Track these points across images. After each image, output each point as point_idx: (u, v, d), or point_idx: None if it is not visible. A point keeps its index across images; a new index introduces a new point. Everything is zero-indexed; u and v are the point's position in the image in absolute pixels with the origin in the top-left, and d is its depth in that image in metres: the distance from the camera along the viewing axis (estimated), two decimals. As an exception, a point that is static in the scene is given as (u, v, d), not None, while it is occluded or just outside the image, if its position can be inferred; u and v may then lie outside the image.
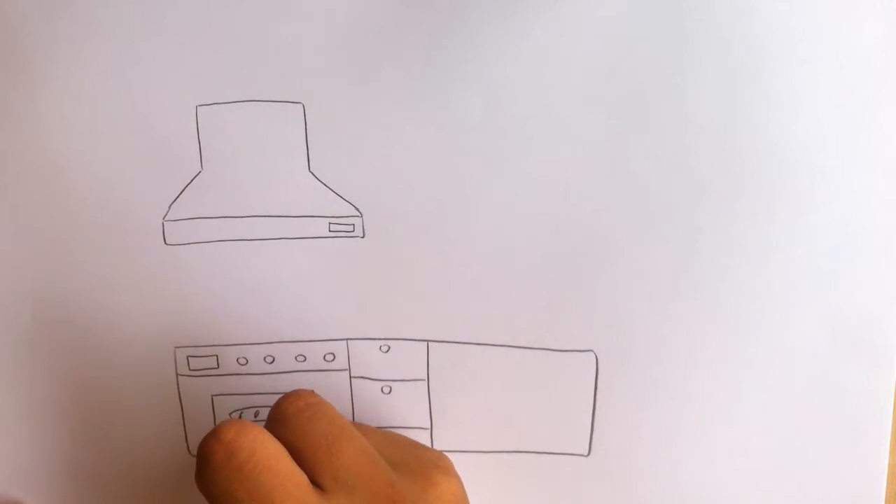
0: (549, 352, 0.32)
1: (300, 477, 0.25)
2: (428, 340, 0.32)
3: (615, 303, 0.31)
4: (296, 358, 0.32)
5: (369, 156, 0.31)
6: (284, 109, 0.30)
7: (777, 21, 0.29)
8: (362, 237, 0.31)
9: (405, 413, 0.32)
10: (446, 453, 0.30)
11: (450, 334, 0.32)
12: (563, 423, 0.32)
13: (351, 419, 0.33)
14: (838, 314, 0.31)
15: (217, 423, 0.32)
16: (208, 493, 0.25)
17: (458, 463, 0.30)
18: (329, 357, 0.32)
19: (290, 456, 0.25)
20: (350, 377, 0.32)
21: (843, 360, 0.31)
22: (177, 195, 0.31)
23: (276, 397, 0.32)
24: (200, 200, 0.31)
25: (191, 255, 0.31)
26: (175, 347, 0.32)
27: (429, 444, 0.33)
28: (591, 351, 0.32)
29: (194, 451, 0.33)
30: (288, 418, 0.27)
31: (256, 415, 0.33)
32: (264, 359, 0.32)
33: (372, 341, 0.32)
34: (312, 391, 0.28)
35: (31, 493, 0.33)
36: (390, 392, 0.32)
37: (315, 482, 0.25)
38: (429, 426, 0.32)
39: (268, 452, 0.25)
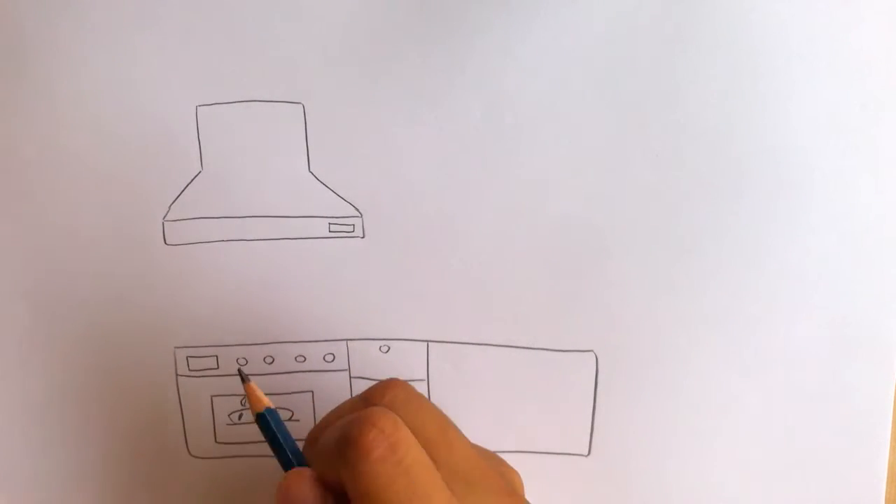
0: (549, 352, 0.32)
1: (438, 472, 0.24)
2: (428, 340, 0.32)
3: (615, 303, 0.31)
4: (295, 358, 0.32)
5: (369, 156, 0.31)
6: (284, 109, 0.30)
7: (777, 21, 0.29)
8: (362, 237, 0.31)
9: (405, 413, 0.32)
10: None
11: (450, 334, 0.32)
12: (563, 423, 0.32)
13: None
14: (838, 314, 0.31)
15: (215, 422, 0.32)
16: (361, 486, 0.23)
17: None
18: (329, 357, 0.32)
19: None
20: (350, 377, 0.32)
21: (843, 360, 0.31)
22: (177, 195, 0.31)
23: (277, 398, 0.32)
24: (200, 200, 0.31)
25: (191, 255, 0.31)
26: (175, 348, 0.32)
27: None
28: (591, 351, 0.32)
29: (194, 452, 0.33)
30: (398, 409, 0.25)
31: (256, 415, 0.33)
32: (264, 359, 0.32)
33: (372, 341, 0.32)
34: (404, 381, 0.27)
35: (31, 493, 0.33)
36: (390, 392, 0.32)
37: None
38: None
39: (419, 448, 0.24)
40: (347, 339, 0.32)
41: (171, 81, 0.30)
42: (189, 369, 0.32)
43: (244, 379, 0.27)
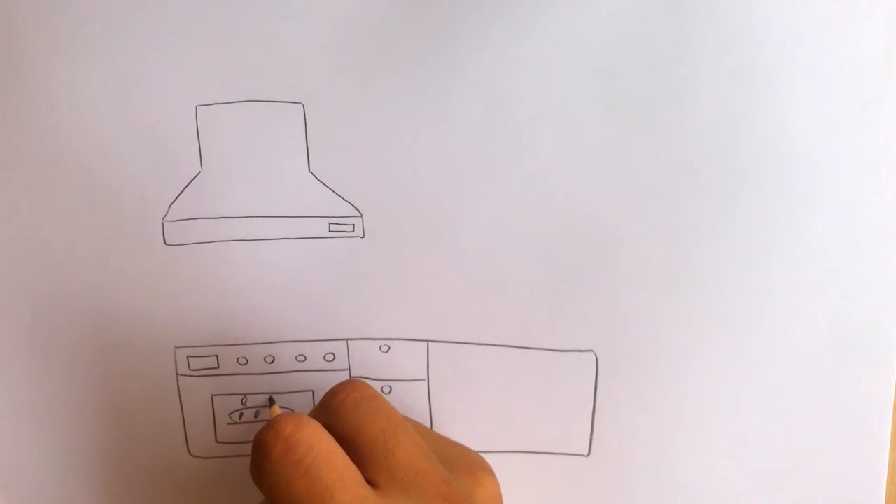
0: (549, 352, 0.32)
1: (356, 473, 0.25)
2: (428, 340, 0.32)
3: (615, 303, 0.31)
4: (296, 358, 0.32)
5: (369, 156, 0.31)
6: (284, 109, 0.30)
7: (777, 21, 0.29)
8: (362, 237, 0.31)
9: (405, 413, 0.32)
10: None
11: (450, 334, 0.32)
12: (563, 423, 0.32)
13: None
14: (838, 314, 0.31)
15: (216, 422, 0.33)
16: (264, 486, 0.24)
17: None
18: (329, 357, 0.32)
19: (343, 451, 0.25)
20: (350, 377, 0.32)
21: (844, 360, 0.31)
22: (177, 195, 0.31)
23: (277, 397, 0.32)
24: (200, 200, 0.31)
25: (191, 255, 0.31)
26: (175, 347, 0.32)
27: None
28: (591, 351, 0.32)
29: (194, 451, 0.33)
30: (346, 411, 0.26)
31: (256, 415, 0.33)
32: (264, 359, 0.32)
33: (372, 341, 0.32)
34: (365, 382, 0.28)
35: (32, 492, 0.33)
36: (390, 392, 0.32)
37: (368, 477, 0.25)
38: (429, 426, 0.32)
39: (326, 448, 0.24)
40: (347, 339, 0.32)
41: (171, 81, 0.30)
42: (189, 369, 0.32)
43: (272, 402, 0.30)
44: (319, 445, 0.24)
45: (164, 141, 0.30)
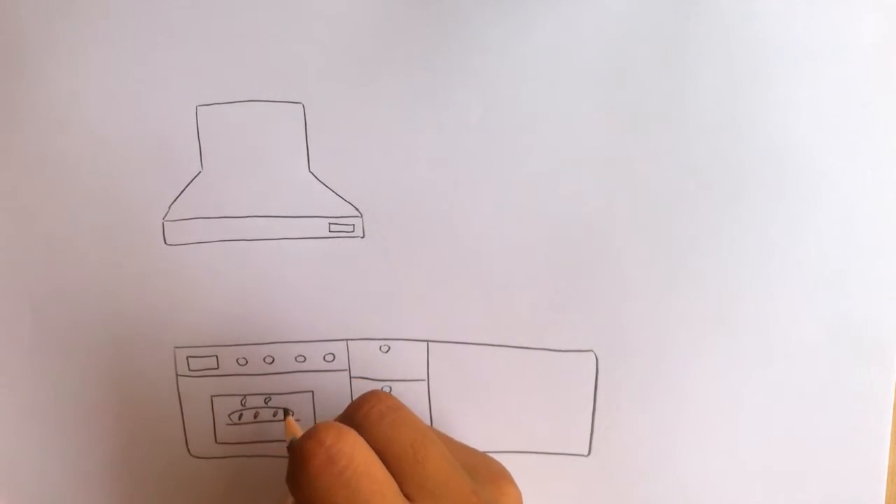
0: (549, 352, 0.32)
1: (394, 484, 0.25)
2: (428, 340, 0.32)
3: (615, 303, 0.31)
4: (296, 358, 0.32)
5: (369, 156, 0.31)
6: (284, 109, 0.30)
7: (777, 21, 0.29)
8: (362, 237, 0.31)
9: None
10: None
11: (450, 334, 0.32)
12: (563, 423, 0.32)
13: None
14: (839, 314, 0.31)
15: (215, 422, 0.33)
16: (303, 496, 0.24)
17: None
18: (329, 357, 0.32)
19: (381, 462, 0.25)
20: (350, 377, 0.32)
21: (844, 359, 0.31)
22: (177, 195, 0.31)
23: (277, 398, 0.32)
24: (200, 200, 0.31)
25: (191, 255, 0.31)
26: (175, 347, 0.32)
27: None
28: (591, 351, 0.32)
29: (194, 452, 0.33)
30: (371, 423, 0.26)
31: (256, 415, 0.33)
32: (264, 359, 0.32)
33: (372, 341, 0.32)
34: (389, 393, 0.27)
35: (31, 493, 0.33)
36: (390, 392, 0.32)
37: (400, 489, 0.25)
38: (429, 426, 0.32)
39: (365, 459, 0.24)
40: (347, 339, 0.32)
41: (171, 81, 0.30)
42: (189, 369, 0.32)
43: (286, 413, 0.29)
44: (360, 457, 0.24)
45: (164, 141, 0.30)
